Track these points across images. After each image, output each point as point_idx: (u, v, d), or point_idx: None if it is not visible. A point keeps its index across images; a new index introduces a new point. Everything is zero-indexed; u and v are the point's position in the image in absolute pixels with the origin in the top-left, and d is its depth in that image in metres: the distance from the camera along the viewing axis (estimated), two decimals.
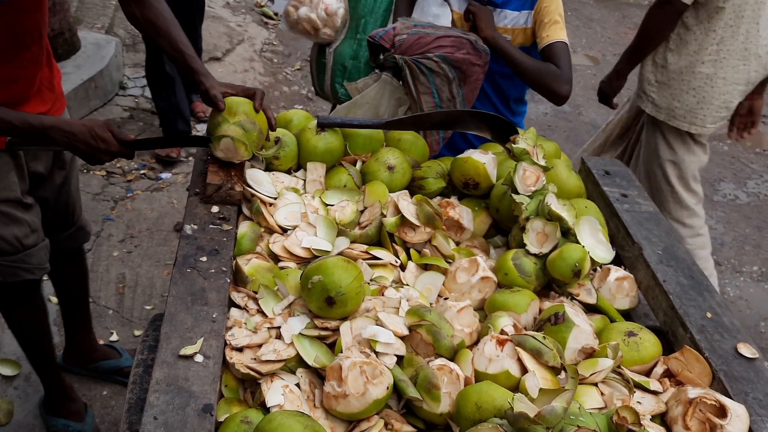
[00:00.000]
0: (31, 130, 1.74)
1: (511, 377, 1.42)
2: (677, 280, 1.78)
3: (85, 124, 1.76)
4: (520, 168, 1.82)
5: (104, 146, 1.76)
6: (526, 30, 2.39)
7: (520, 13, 2.36)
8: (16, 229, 2.01)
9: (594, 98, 5.53)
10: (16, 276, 2.07)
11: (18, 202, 2.00)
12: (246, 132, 1.78)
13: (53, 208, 2.24)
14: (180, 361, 1.31)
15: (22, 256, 2.05)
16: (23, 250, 2.05)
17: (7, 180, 1.96)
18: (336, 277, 1.48)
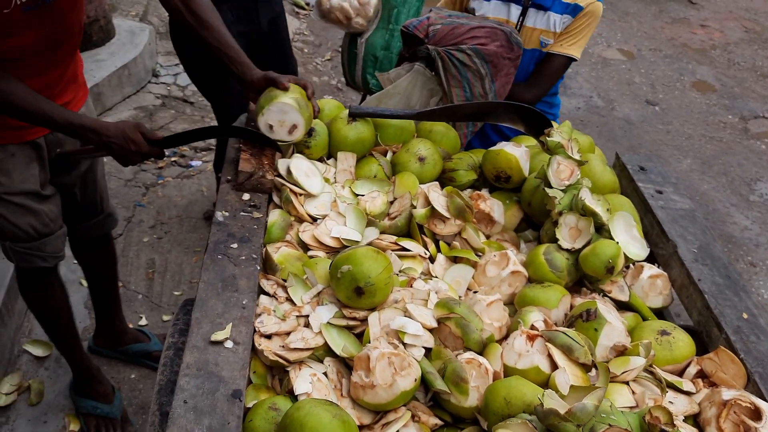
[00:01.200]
0: (69, 128, 1.78)
1: (541, 373, 1.40)
2: (713, 279, 1.75)
3: (119, 126, 1.80)
4: (554, 161, 1.79)
5: (135, 147, 1.80)
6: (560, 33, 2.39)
7: (562, 16, 2.36)
8: (32, 219, 2.03)
9: (628, 93, 5.45)
10: (31, 262, 2.09)
11: (36, 194, 2.02)
12: (301, 108, 1.79)
13: (80, 196, 2.25)
14: (210, 346, 1.31)
15: (37, 243, 2.07)
16: (38, 238, 2.07)
17: (27, 172, 1.98)
18: (365, 267, 1.47)
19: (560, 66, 2.44)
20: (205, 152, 4.08)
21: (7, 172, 1.95)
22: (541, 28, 2.37)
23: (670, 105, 5.40)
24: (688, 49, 6.31)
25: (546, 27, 2.37)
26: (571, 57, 2.42)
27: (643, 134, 4.97)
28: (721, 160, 4.77)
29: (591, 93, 5.42)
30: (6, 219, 2.00)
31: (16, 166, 1.95)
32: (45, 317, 2.31)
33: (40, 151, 2.00)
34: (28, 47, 1.75)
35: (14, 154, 1.94)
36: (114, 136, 1.78)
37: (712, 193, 4.41)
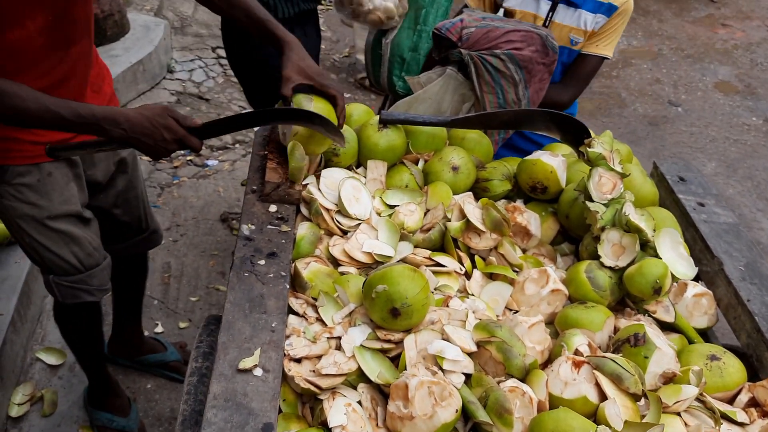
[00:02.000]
0: (80, 121, 1.54)
1: (589, 403, 1.31)
2: (762, 299, 1.66)
3: (142, 112, 1.56)
4: (595, 174, 1.70)
5: (169, 135, 1.55)
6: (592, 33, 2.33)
7: (595, 15, 2.30)
8: (76, 248, 1.89)
9: (650, 94, 5.34)
10: (76, 297, 1.95)
11: (78, 216, 1.88)
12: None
13: (122, 215, 2.12)
14: (238, 374, 1.23)
15: (83, 276, 1.93)
16: (84, 270, 1.93)
17: (66, 192, 1.83)
18: (402, 287, 1.39)
19: (595, 66, 2.40)
20: (222, 151, 4.01)
21: (47, 193, 1.80)
22: (570, 25, 2.30)
23: (693, 106, 5.29)
24: (709, 48, 6.18)
25: (576, 25, 2.30)
26: (606, 57, 2.38)
27: (666, 136, 4.86)
28: (746, 164, 4.66)
29: (612, 92, 5.31)
30: (48, 249, 1.86)
31: (55, 187, 1.80)
32: (77, 342, 2.21)
33: (76, 169, 1.86)
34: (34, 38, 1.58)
35: (51, 174, 1.79)
36: (138, 123, 1.53)
37: (737, 198, 4.31)
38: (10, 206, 1.79)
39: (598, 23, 2.29)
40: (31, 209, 1.80)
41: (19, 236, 1.87)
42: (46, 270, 1.93)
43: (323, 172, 1.76)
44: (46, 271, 1.93)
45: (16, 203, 1.79)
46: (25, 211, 1.80)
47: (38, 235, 1.84)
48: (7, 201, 1.79)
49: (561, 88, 2.37)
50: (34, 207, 1.80)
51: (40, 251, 1.87)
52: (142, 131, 1.54)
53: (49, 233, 1.84)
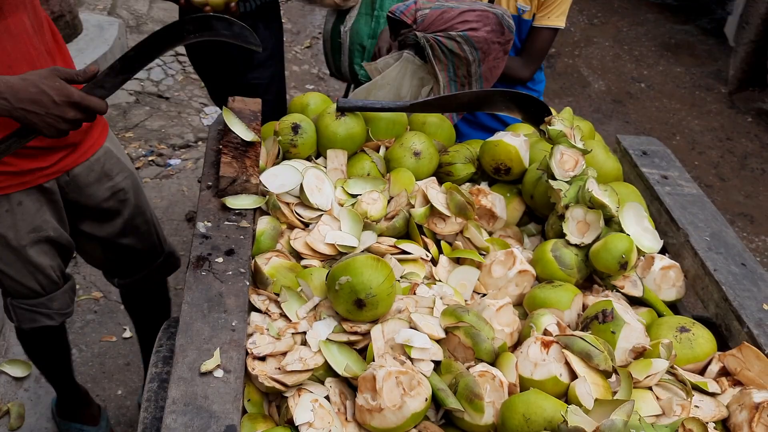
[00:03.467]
0: None
1: (560, 383, 1.30)
2: (728, 268, 1.66)
3: (25, 77, 1.35)
4: (557, 152, 1.68)
5: (61, 98, 1.34)
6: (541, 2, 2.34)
7: None
8: (40, 276, 1.79)
9: (612, 71, 5.36)
10: (35, 321, 1.85)
11: (49, 240, 1.76)
12: None
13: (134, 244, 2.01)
14: (198, 377, 1.19)
15: (43, 300, 1.83)
16: (44, 294, 1.83)
17: (38, 219, 1.72)
18: (366, 277, 1.36)
19: (549, 38, 2.41)
20: (184, 150, 3.94)
21: (14, 224, 1.69)
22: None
23: (655, 81, 5.32)
24: (669, 22, 6.22)
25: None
26: (559, 27, 2.40)
27: (630, 113, 4.89)
28: (708, 136, 4.70)
29: (575, 72, 5.32)
30: (10, 277, 1.76)
31: (25, 216, 1.70)
32: (41, 362, 2.11)
33: (51, 195, 1.74)
34: None
35: (21, 203, 1.69)
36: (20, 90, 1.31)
37: (704, 167, 4.35)
38: None
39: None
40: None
41: None
42: (4, 293, 1.83)
43: (280, 165, 1.72)
44: (4, 293, 1.84)
45: None
46: None
47: (2, 264, 1.74)
48: None
49: (521, 63, 2.39)
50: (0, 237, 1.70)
51: (1, 278, 1.78)
52: (28, 98, 1.33)
53: (14, 262, 1.74)
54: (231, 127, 1.69)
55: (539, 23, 2.36)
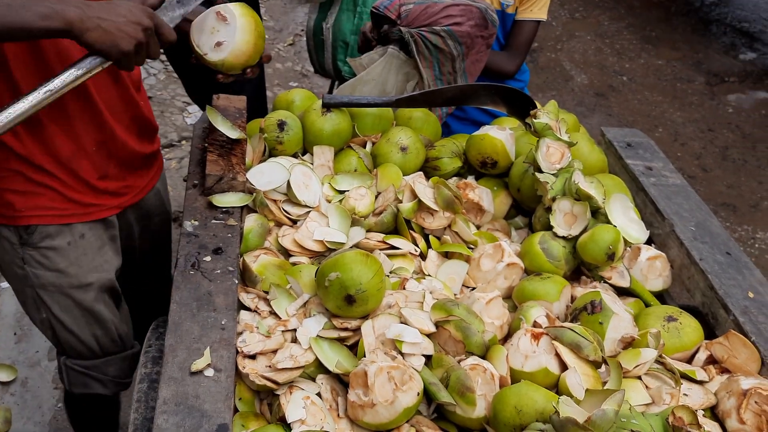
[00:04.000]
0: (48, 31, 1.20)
1: (550, 374, 1.30)
2: (714, 257, 1.67)
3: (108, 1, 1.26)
4: (543, 144, 1.69)
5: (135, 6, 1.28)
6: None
7: None
8: (100, 331, 1.65)
9: (595, 64, 5.38)
10: (86, 387, 1.69)
11: (110, 290, 1.64)
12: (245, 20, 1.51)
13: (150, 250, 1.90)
14: (189, 376, 1.18)
15: (98, 363, 1.68)
16: (101, 356, 1.68)
17: (99, 258, 1.59)
18: (355, 273, 1.36)
19: (532, 31, 2.43)
20: (168, 149, 3.91)
21: (77, 259, 1.56)
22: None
23: (637, 74, 5.36)
24: (650, 16, 6.27)
25: None
26: (541, 20, 2.42)
27: (613, 106, 4.92)
28: (690, 128, 4.74)
29: (557, 66, 5.34)
30: (67, 328, 1.62)
31: (87, 251, 1.57)
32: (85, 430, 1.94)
33: (112, 230, 1.64)
34: None
35: (84, 235, 1.57)
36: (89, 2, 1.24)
37: (687, 159, 4.38)
38: (33, 274, 1.56)
39: None
40: (58, 277, 1.57)
41: (34, 309, 1.63)
42: (59, 350, 1.70)
43: (266, 162, 1.71)
44: (59, 351, 1.70)
45: (40, 271, 1.56)
46: (50, 280, 1.57)
47: (60, 311, 1.60)
48: (30, 268, 1.56)
49: (506, 57, 2.40)
50: (61, 275, 1.57)
51: (57, 329, 1.64)
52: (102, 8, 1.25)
53: (72, 309, 1.60)
54: (216, 125, 1.68)
55: (522, 16, 2.38)
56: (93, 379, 1.71)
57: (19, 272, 1.58)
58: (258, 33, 1.51)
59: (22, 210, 1.51)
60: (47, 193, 1.52)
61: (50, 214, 1.53)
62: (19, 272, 1.58)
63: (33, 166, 1.48)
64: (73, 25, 1.21)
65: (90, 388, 1.72)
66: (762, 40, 5.88)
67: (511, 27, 2.42)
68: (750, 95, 5.11)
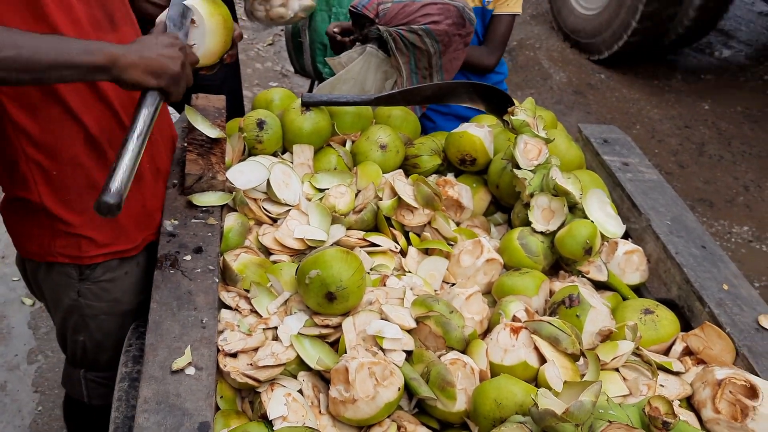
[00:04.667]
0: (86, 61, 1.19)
1: (529, 368, 1.32)
2: (689, 251, 1.70)
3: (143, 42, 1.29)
4: (520, 141, 1.71)
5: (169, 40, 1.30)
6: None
7: None
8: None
9: (573, 62, 5.43)
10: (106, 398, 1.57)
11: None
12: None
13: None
14: (170, 375, 1.18)
15: None
16: None
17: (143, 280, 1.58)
18: (335, 270, 1.36)
19: (510, 24, 2.47)
20: None
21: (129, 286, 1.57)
22: None
23: (616, 71, 5.41)
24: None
25: None
26: (517, 14, 2.45)
27: (591, 103, 4.97)
28: (667, 125, 4.80)
29: (536, 64, 5.38)
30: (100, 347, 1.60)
31: (138, 277, 1.58)
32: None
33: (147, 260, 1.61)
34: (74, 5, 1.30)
35: (138, 263, 1.58)
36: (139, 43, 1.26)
37: (663, 156, 4.44)
38: (86, 305, 1.55)
39: None
40: (110, 307, 1.56)
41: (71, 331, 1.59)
42: (78, 364, 1.66)
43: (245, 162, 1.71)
44: (78, 364, 1.67)
45: (94, 302, 1.55)
46: (103, 310, 1.56)
47: (100, 333, 1.59)
48: (84, 300, 1.54)
49: (486, 52, 2.42)
50: (114, 303, 1.56)
51: (89, 348, 1.61)
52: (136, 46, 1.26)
53: (114, 331, 1.58)
54: (195, 125, 1.68)
55: (499, 11, 2.40)
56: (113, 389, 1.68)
57: (70, 303, 1.55)
58: (227, 27, 1.49)
59: (88, 251, 1.48)
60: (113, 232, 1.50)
61: (114, 251, 1.52)
62: (70, 303, 1.55)
63: None
64: (117, 60, 1.22)
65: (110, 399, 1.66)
66: (737, 38, 5.96)
67: (489, 21, 2.44)
68: (725, 92, 5.18)
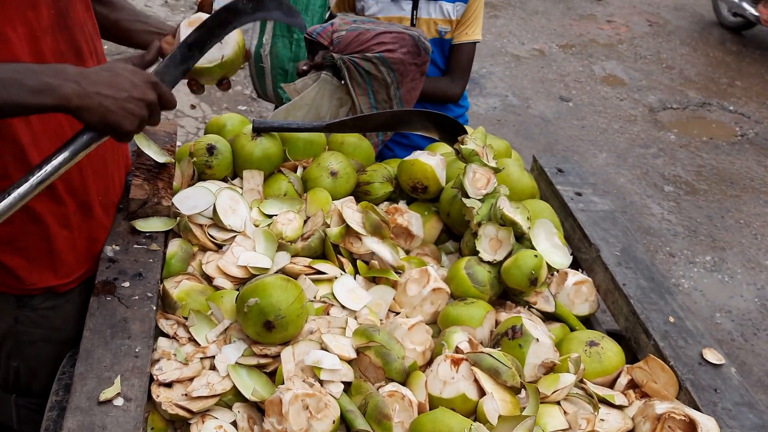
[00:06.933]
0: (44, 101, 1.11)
1: (468, 401, 1.31)
2: (637, 282, 1.71)
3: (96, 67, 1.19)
4: (469, 170, 1.71)
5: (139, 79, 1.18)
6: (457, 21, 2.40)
7: (454, 4, 2.37)
8: None
9: (542, 91, 5.50)
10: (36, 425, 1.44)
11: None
12: None
13: None
14: (97, 406, 1.15)
15: None
16: None
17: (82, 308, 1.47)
18: (274, 298, 1.35)
19: (471, 53, 2.48)
20: None
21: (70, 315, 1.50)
22: (436, 18, 2.39)
23: (583, 100, 5.49)
24: (596, 44, 6.45)
25: (441, 16, 2.39)
26: (477, 41, 2.47)
27: (558, 131, 5.03)
28: (635, 153, 4.87)
29: (506, 92, 5.44)
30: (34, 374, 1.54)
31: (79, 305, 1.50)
32: None
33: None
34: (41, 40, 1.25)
35: (81, 293, 1.52)
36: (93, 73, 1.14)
37: (628, 186, 4.49)
38: (23, 332, 1.49)
39: (458, 11, 2.37)
40: (49, 334, 1.51)
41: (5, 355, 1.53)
42: (10, 389, 1.60)
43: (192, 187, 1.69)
44: (10, 390, 1.60)
45: (32, 329, 1.49)
46: (40, 337, 1.50)
47: (36, 360, 1.53)
48: (21, 326, 1.48)
49: (449, 82, 2.44)
50: (53, 331, 1.50)
51: (22, 373, 1.55)
52: (104, 80, 1.14)
53: (50, 358, 1.50)
54: (143, 149, 1.66)
55: (459, 40, 2.42)
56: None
57: (6, 328, 1.49)
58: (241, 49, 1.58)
59: (26, 284, 1.43)
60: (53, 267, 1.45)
61: (55, 284, 1.47)
62: (6, 328, 1.49)
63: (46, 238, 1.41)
64: (69, 101, 1.11)
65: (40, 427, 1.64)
66: None
67: (450, 51, 2.46)
68: (693, 121, 5.28)
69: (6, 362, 1.56)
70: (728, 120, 5.38)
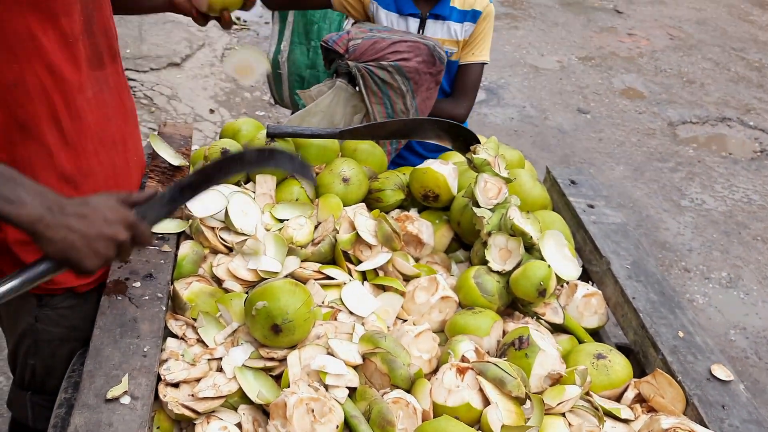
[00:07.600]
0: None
1: (473, 410, 1.31)
2: (647, 296, 1.70)
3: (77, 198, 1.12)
4: (481, 180, 1.71)
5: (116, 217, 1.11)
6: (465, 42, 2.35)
7: (462, 24, 2.30)
8: None
9: (560, 102, 5.49)
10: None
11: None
12: None
13: None
14: (104, 404, 1.17)
15: None
16: None
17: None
18: (282, 302, 1.36)
19: (479, 74, 2.43)
20: None
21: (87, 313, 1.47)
22: (443, 38, 2.33)
23: (601, 113, 5.47)
24: (616, 57, 6.42)
25: (448, 36, 2.33)
26: (485, 62, 2.42)
27: (575, 143, 5.01)
28: (652, 166, 4.84)
29: (524, 103, 5.44)
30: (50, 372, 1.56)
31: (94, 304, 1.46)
32: None
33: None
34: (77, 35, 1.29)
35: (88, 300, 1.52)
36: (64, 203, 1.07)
37: (644, 200, 4.46)
38: (42, 330, 1.51)
39: (467, 31, 2.32)
40: (67, 333, 1.52)
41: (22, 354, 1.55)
42: (26, 387, 1.62)
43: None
44: (26, 387, 1.62)
45: (51, 327, 1.51)
46: (59, 336, 1.52)
47: (52, 357, 1.54)
48: (41, 325, 1.50)
49: (454, 102, 2.38)
50: (71, 330, 1.52)
51: (38, 371, 1.57)
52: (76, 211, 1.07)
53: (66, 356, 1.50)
54: (158, 152, 1.69)
55: (466, 60, 2.37)
56: None
57: (26, 326, 1.51)
58: None
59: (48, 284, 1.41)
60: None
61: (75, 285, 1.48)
62: (26, 326, 1.51)
63: None
64: (34, 226, 1.03)
65: None
66: None
67: (456, 72, 2.40)
68: (712, 136, 5.24)
69: (24, 360, 1.58)
70: (748, 136, 5.34)
